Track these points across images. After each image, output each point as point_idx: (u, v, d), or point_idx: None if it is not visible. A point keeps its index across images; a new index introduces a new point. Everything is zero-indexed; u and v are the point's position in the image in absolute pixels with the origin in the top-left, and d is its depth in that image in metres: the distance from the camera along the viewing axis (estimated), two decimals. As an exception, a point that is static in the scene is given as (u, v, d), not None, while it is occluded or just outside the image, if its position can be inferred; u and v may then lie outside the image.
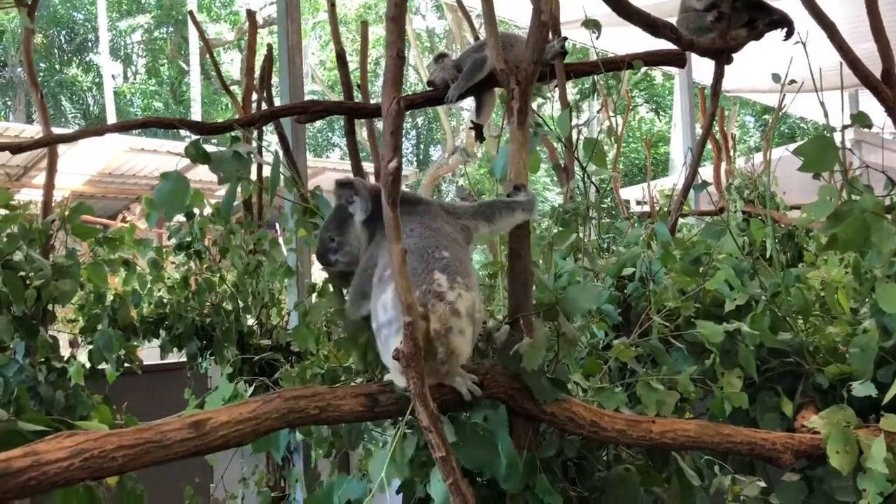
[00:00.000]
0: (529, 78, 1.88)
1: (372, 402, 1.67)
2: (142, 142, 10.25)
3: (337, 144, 19.66)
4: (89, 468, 1.45)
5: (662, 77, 17.43)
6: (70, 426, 1.67)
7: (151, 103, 16.53)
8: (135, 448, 1.48)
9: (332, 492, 2.10)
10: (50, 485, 1.44)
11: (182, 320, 3.99)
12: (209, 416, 1.56)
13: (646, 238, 2.83)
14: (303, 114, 3.31)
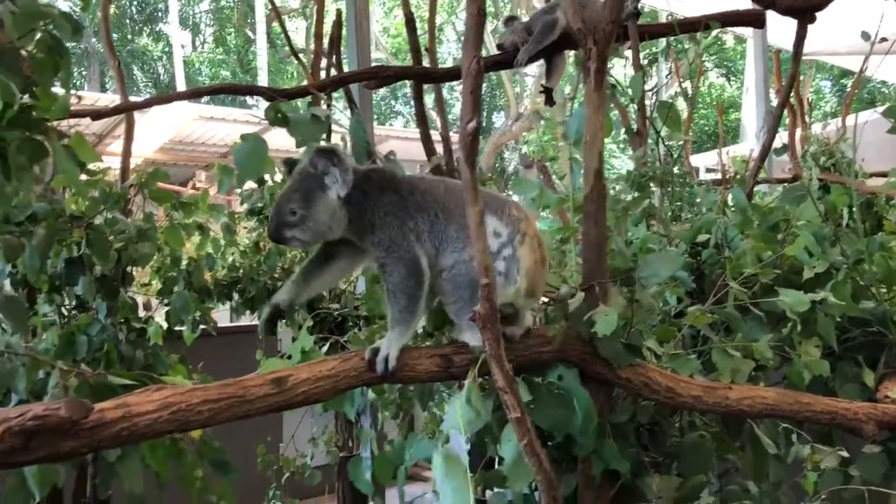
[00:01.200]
0: (607, 38, 1.84)
1: (447, 362, 1.68)
2: (211, 110, 10.44)
3: (400, 112, 19.68)
4: (177, 421, 1.50)
5: (734, 41, 16.90)
6: (156, 381, 1.73)
7: (219, 72, 16.81)
8: (219, 402, 1.53)
9: (403, 451, 2.14)
10: (140, 436, 1.50)
11: (254, 284, 4.08)
12: (290, 373, 1.60)
13: (721, 204, 2.77)
14: (372, 79, 3.32)
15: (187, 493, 1.81)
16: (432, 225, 1.69)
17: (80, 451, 1.46)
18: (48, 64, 1.65)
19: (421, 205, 1.70)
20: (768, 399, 1.82)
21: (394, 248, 1.66)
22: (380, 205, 1.68)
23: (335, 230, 1.70)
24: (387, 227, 1.67)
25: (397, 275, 1.65)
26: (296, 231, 1.67)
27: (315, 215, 1.66)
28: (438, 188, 1.75)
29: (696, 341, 2.32)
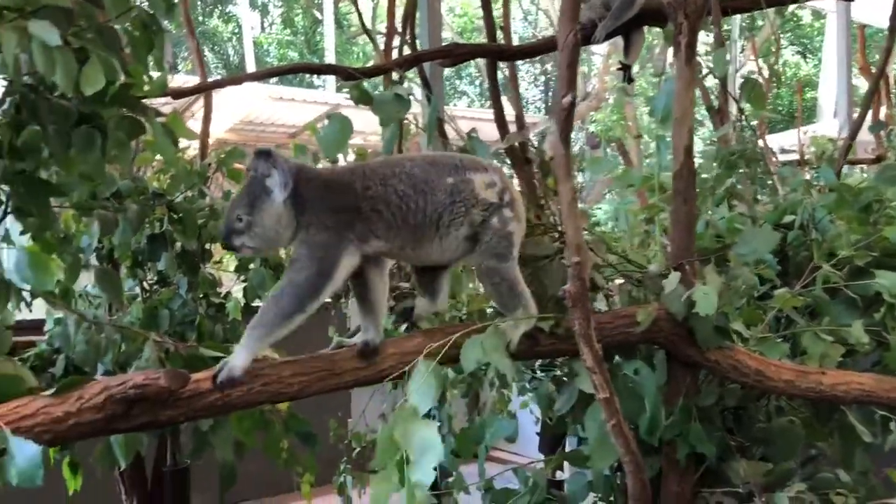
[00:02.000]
0: (699, 12, 1.79)
1: (533, 341, 1.67)
2: (280, 91, 10.56)
3: (464, 92, 19.61)
4: (268, 392, 1.54)
5: (811, 16, 16.31)
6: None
7: (286, 53, 17.00)
8: (310, 375, 1.56)
9: (484, 429, 2.14)
10: (233, 406, 1.54)
11: (327, 262, 4.12)
12: (377, 349, 1.61)
13: (807, 184, 2.68)
14: (447, 57, 3.30)
15: (273, 464, 1.85)
16: (398, 211, 1.60)
17: (176, 420, 1.51)
18: (144, 42, 1.68)
19: (381, 196, 1.60)
20: (864, 385, 1.76)
21: (316, 249, 1.56)
22: (322, 208, 1.58)
23: (283, 236, 1.60)
24: (320, 230, 1.56)
25: (304, 275, 1.54)
26: (244, 238, 1.58)
27: (260, 221, 1.57)
28: (402, 167, 1.65)
29: (779, 324, 2.26)
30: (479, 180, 1.66)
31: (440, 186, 1.63)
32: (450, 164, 1.68)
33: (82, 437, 1.46)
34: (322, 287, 1.54)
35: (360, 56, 17.43)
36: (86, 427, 1.42)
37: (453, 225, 1.63)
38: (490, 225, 1.64)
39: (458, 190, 1.63)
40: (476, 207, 1.64)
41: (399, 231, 1.61)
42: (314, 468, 1.98)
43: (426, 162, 1.68)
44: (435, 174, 1.64)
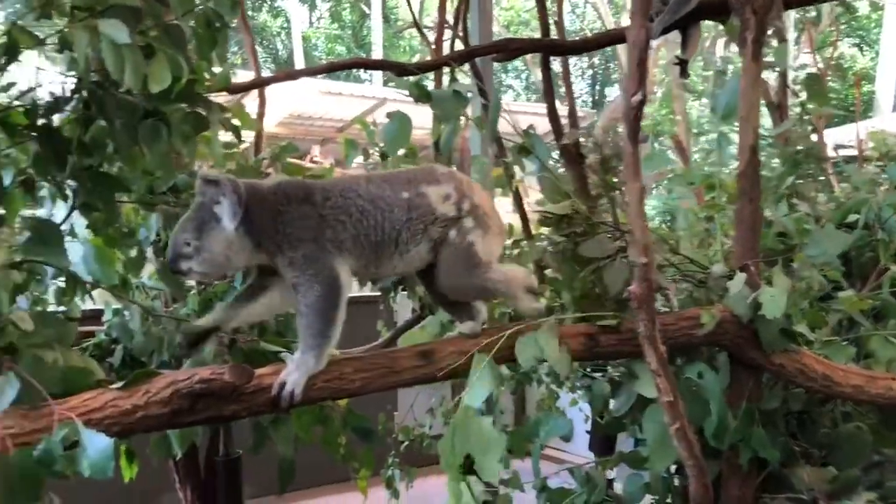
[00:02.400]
0: (766, 6, 1.75)
1: (592, 342, 1.66)
2: (328, 85, 10.64)
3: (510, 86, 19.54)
4: (331, 388, 1.54)
5: (869, 8, 15.87)
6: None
7: (334, 47, 17.14)
8: (370, 372, 1.56)
9: (538, 426, 2.13)
10: (295, 402, 1.54)
11: (377, 256, 4.14)
12: (436, 347, 1.61)
13: (872, 182, 2.60)
14: (501, 52, 3.29)
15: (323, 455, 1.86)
16: (359, 223, 1.57)
17: (239, 415, 1.52)
18: (207, 39, 1.70)
19: (342, 207, 1.57)
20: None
21: (307, 265, 1.52)
22: (288, 221, 1.54)
23: (235, 262, 1.56)
24: (298, 244, 1.53)
25: (312, 295, 1.51)
26: (192, 263, 1.53)
27: (208, 247, 1.52)
28: (358, 184, 1.62)
29: (841, 327, 2.20)
30: (435, 193, 1.62)
31: (396, 202, 1.59)
32: (403, 178, 1.64)
33: (149, 430, 1.48)
34: (337, 298, 1.52)
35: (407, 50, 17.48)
36: (152, 420, 1.44)
37: (412, 241, 1.60)
38: (449, 240, 1.61)
39: (415, 205, 1.59)
40: (435, 224, 1.60)
41: (363, 249, 1.57)
42: (371, 463, 1.99)
43: (381, 179, 1.64)
44: (390, 190, 1.59)
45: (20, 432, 1.37)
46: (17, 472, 1.31)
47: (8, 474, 1.29)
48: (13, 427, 1.37)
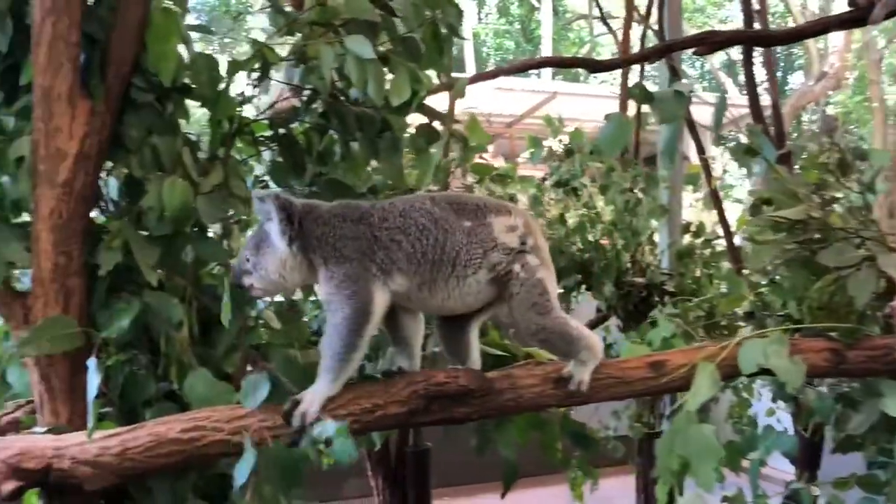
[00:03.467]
0: None
1: (838, 357, 1.56)
2: (500, 81, 10.70)
3: (682, 75, 18.79)
4: (559, 396, 1.56)
5: None
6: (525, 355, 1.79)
7: (503, 42, 17.22)
8: (599, 382, 1.55)
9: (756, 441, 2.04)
10: (524, 407, 1.57)
11: (563, 255, 4.12)
12: (667, 358, 1.57)
13: None
14: (702, 45, 3.16)
15: (550, 463, 1.87)
16: (417, 242, 1.52)
17: (469, 417, 1.56)
18: (435, 49, 1.74)
19: (400, 227, 1.52)
20: None
21: (345, 286, 1.49)
22: (339, 238, 1.52)
23: (291, 280, 1.56)
24: (342, 262, 1.50)
25: (339, 315, 1.48)
26: (252, 279, 1.54)
27: (263, 264, 1.53)
28: (422, 204, 1.56)
29: None
30: (500, 223, 1.55)
31: (458, 227, 1.53)
32: (471, 205, 1.58)
33: (385, 428, 1.55)
34: (363, 325, 1.48)
35: (577, 42, 17.24)
36: (390, 419, 1.51)
37: (470, 266, 1.52)
38: (515, 273, 1.53)
39: (476, 233, 1.54)
40: (494, 251, 1.53)
41: (419, 266, 1.51)
42: (589, 470, 1.98)
43: (447, 201, 1.58)
44: (454, 215, 1.54)
45: (274, 425, 1.47)
46: (279, 463, 1.41)
47: (270, 464, 1.39)
48: (268, 421, 1.48)
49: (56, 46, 1.51)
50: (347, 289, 1.48)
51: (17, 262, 1.55)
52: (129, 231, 1.55)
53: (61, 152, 1.53)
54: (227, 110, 1.62)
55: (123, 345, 1.60)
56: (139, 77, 1.61)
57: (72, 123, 1.53)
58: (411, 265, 1.51)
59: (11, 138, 1.59)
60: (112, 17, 1.60)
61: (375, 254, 1.50)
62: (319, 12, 1.70)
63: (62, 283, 1.53)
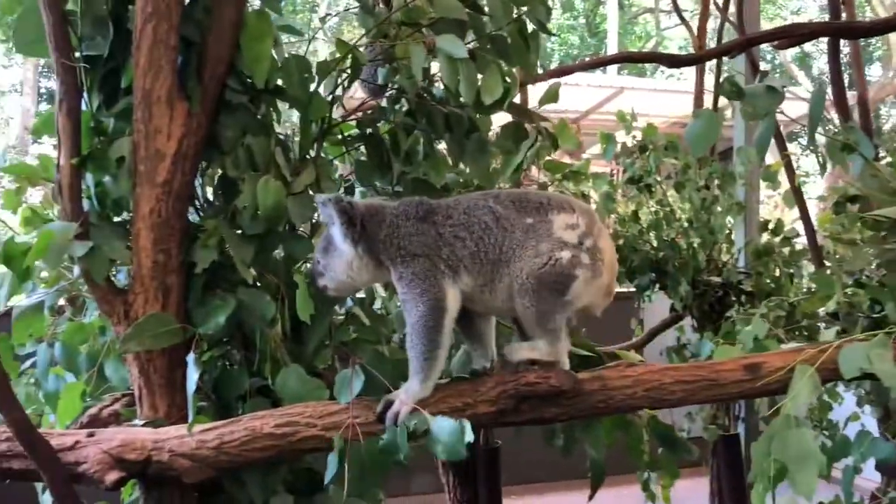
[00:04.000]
0: None
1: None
2: (568, 76, 10.60)
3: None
4: (650, 398, 1.53)
5: None
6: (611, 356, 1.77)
7: (567, 37, 17.07)
8: (692, 384, 1.52)
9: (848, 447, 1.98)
10: (615, 409, 1.55)
11: (637, 253, 4.06)
12: (764, 360, 1.54)
13: None
14: (785, 38, 3.07)
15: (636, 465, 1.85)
16: (481, 241, 1.52)
17: (559, 418, 1.55)
18: (522, 47, 1.73)
19: (463, 224, 1.53)
20: None
21: (415, 284, 1.51)
22: (405, 236, 1.54)
23: (359, 279, 1.59)
24: (411, 260, 1.52)
25: (416, 314, 1.50)
26: (325, 280, 1.59)
27: (331, 266, 1.57)
28: (485, 201, 1.56)
29: None
30: (561, 220, 1.54)
31: (519, 225, 1.53)
32: (534, 202, 1.56)
33: (475, 427, 1.55)
34: (439, 320, 1.49)
35: (642, 37, 16.99)
36: (481, 418, 1.51)
37: (524, 260, 1.52)
38: (556, 257, 1.51)
39: (535, 229, 1.53)
40: (548, 240, 1.52)
41: (482, 266, 1.52)
42: (675, 472, 1.95)
43: (510, 199, 1.57)
44: (515, 213, 1.54)
45: (366, 421, 1.49)
46: (368, 459, 1.42)
47: (359, 460, 1.41)
48: (360, 417, 1.49)
49: (156, 50, 1.55)
50: (417, 287, 1.50)
51: (119, 260, 1.59)
52: (225, 229, 1.58)
53: (160, 153, 1.57)
54: (319, 111, 1.65)
55: (217, 341, 1.64)
56: (233, 78, 1.65)
57: (170, 125, 1.57)
58: (475, 264, 1.52)
59: (112, 140, 1.64)
60: (207, 19, 1.64)
61: (441, 250, 1.52)
62: (407, 12, 1.71)
63: (161, 280, 1.57)
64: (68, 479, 1.49)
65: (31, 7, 1.60)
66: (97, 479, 1.50)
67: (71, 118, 1.58)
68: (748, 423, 4.57)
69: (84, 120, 1.62)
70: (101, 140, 1.65)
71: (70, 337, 1.86)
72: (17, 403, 1.42)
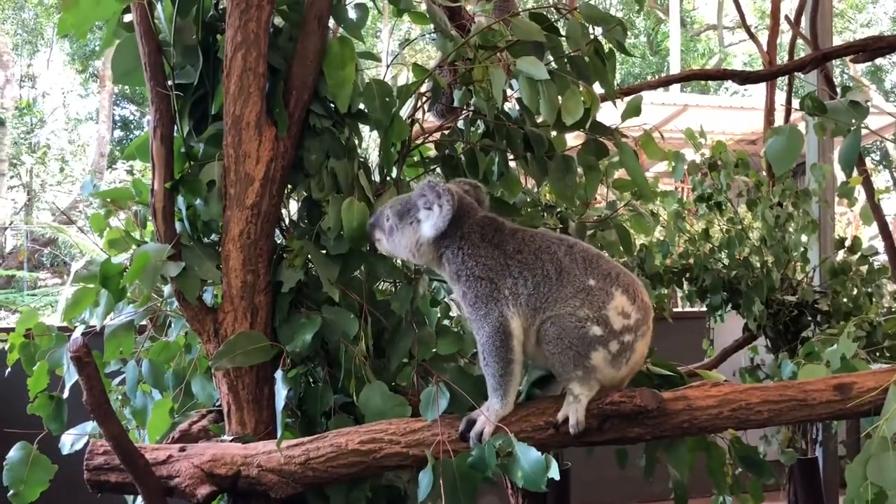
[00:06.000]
0: None
1: None
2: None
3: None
4: (736, 418, 1.50)
5: None
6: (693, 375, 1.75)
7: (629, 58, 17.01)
8: (779, 404, 1.49)
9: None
10: (699, 429, 1.53)
11: (708, 272, 4.00)
12: (854, 380, 1.50)
13: None
14: (863, 52, 3.01)
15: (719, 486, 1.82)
16: (538, 286, 1.52)
17: (642, 438, 1.53)
18: (598, 66, 1.74)
19: (528, 264, 1.53)
20: None
21: (479, 306, 1.52)
22: (474, 256, 1.54)
23: (414, 257, 1.61)
24: (476, 282, 1.53)
25: (483, 335, 1.51)
26: (382, 236, 1.61)
27: (398, 234, 1.59)
28: (558, 248, 1.55)
29: None
30: (619, 301, 1.51)
31: (576, 282, 1.51)
32: (605, 269, 1.54)
33: (560, 446, 1.55)
34: (506, 342, 1.50)
35: (705, 54, 16.78)
36: (562, 437, 1.51)
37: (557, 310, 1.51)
38: (587, 326, 1.49)
39: (590, 293, 1.51)
40: (591, 311, 1.49)
41: (527, 308, 1.52)
42: (760, 496, 1.91)
43: (583, 254, 1.55)
44: (581, 269, 1.52)
45: (449, 439, 1.51)
46: (459, 475, 1.43)
47: (451, 477, 1.42)
48: (443, 435, 1.51)
49: (246, 77, 1.61)
50: (481, 309, 1.52)
51: (210, 280, 1.65)
52: (312, 249, 1.62)
53: (249, 176, 1.63)
54: (400, 134, 1.68)
55: (303, 358, 1.67)
56: (317, 104, 1.70)
57: (259, 149, 1.63)
58: (525, 306, 1.52)
59: (202, 164, 1.70)
60: (292, 48, 1.70)
61: (506, 280, 1.53)
62: (484, 36, 1.74)
63: (250, 299, 1.62)
64: (162, 492, 1.54)
65: (129, 39, 1.68)
66: (189, 493, 1.55)
67: (165, 144, 1.65)
68: (826, 448, 4.44)
69: (175, 145, 1.69)
70: (191, 164, 1.72)
71: (156, 355, 1.92)
72: (116, 418, 1.48)
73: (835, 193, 4.30)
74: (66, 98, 16.40)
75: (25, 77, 16.41)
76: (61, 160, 14.63)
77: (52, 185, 14.13)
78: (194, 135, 1.75)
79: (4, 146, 12.48)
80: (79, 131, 15.79)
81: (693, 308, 5.11)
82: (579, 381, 1.49)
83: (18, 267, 11.27)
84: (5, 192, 13.02)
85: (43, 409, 1.92)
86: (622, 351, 1.51)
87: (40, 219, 13.04)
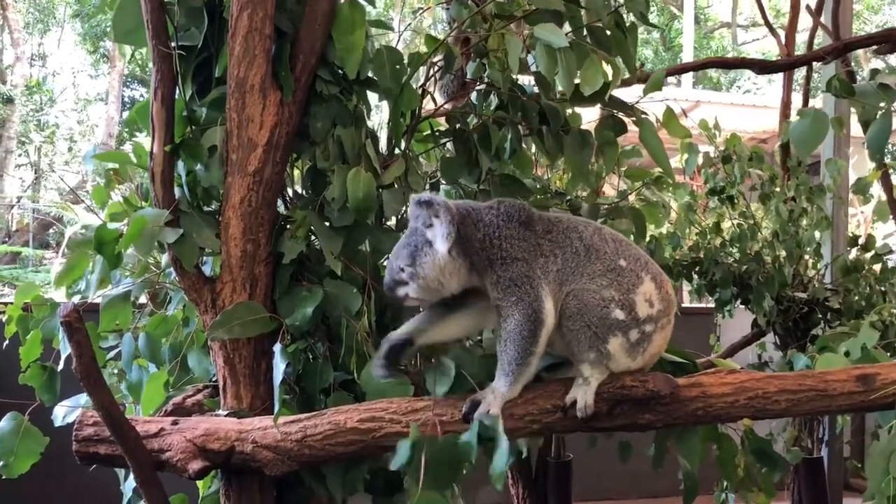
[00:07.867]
0: None
1: None
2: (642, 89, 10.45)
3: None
4: (753, 407, 1.44)
5: None
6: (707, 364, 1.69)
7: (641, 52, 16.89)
8: (798, 394, 1.43)
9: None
10: (714, 417, 1.47)
11: (718, 266, 3.93)
12: (877, 371, 1.43)
13: None
14: (886, 42, 2.94)
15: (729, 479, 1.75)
16: (566, 262, 1.47)
17: (653, 425, 1.47)
18: (617, 41, 1.67)
19: (559, 243, 1.49)
20: None
21: (513, 290, 1.44)
22: (506, 237, 1.47)
23: (449, 285, 1.49)
24: (508, 264, 1.45)
25: (513, 321, 1.43)
26: (408, 289, 1.49)
27: (422, 273, 1.46)
28: (585, 228, 1.52)
29: None
30: (647, 287, 1.48)
31: (607, 261, 1.47)
32: (636, 254, 1.51)
33: (566, 431, 1.49)
34: (536, 329, 1.43)
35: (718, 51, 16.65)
36: (570, 421, 1.45)
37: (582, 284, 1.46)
38: (611, 308, 1.44)
39: (620, 274, 1.46)
40: (620, 306, 1.44)
41: (554, 284, 1.47)
42: (772, 491, 1.85)
43: (613, 238, 1.52)
44: (612, 249, 1.49)
45: (451, 420, 1.45)
46: (442, 455, 1.37)
47: (434, 455, 1.35)
48: (444, 415, 1.45)
49: (251, 38, 1.55)
50: (514, 294, 1.45)
51: (208, 248, 1.59)
52: (314, 220, 1.56)
53: (252, 142, 1.57)
54: (410, 103, 1.62)
55: (303, 333, 1.62)
56: (325, 69, 1.63)
57: (263, 113, 1.57)
58: (555, 284, 1.47)
59: (203, 129, 1.64)
60: (300, 10, 1.63)
61: (538, 259, 1.48)
62: (501, 5, 1.67)
63: (250, 270, 1.57)
64: (153, 465, 1.49)
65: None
66: (180, 467, 1.50)
67: (165, 106, 1.58)
68: (832, 447, 4.37)
69: (177, 109, 1.63)
70: (193, 129, 1.66)
71: (153, 328, 1.87)
72: (107, 389, 1.42)
73: (849, 190, 4.23)
74: (76, 78, 16.37)
75: (36, 56, 16.37)
76: (70, 140, 14.61)
77: (59, 166, 14.13)
78: (197, 98, 1.69)
79: (13, 123, 12.46)
80: (88, 112, 15.76)
81: (699, 304, 5.04)
82: (591, 363, 1.43)
83: (24, 244, 11.28)
84: (13, 169, 13.01)
85: (35, 379, 1.87)
86: (641, 341, 1.45)
87: (47, 198, 13.04)
